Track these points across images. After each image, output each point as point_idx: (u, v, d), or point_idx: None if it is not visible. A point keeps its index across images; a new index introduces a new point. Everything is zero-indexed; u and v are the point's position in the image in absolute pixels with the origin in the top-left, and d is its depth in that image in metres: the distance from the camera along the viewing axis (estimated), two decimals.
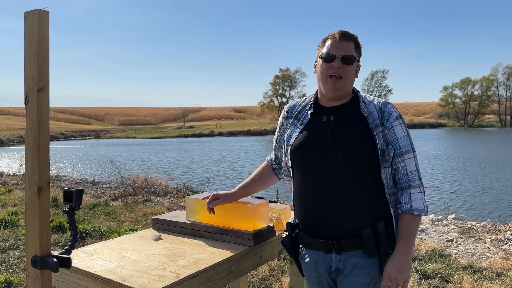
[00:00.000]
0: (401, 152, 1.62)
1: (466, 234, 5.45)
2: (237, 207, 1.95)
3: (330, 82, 1.64)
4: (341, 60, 1.62)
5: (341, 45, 1.64)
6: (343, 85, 1.65)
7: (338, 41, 1.64)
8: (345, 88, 1.67)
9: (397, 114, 1.65)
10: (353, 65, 1.66)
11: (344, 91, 1.67)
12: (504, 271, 4.00)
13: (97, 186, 10.54)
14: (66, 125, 75.16)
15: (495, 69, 77.72)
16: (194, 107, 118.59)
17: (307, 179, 1.68)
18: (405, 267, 1.55)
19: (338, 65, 1.62)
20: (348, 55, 1.63)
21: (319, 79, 1.70)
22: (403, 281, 1.55)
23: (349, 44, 1.65)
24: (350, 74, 1.66)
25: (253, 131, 59.24)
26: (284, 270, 4.07)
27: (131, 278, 1.49)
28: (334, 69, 1.63)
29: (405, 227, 1.58)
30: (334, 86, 1.64)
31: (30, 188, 1.23)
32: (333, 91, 1.66)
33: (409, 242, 1.57)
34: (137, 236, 2.06)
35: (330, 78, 1.64)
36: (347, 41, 1.65)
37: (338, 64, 1.62)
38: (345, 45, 1.64)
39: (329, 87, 1.66)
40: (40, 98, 1.21)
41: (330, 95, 1.69)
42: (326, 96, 1.71)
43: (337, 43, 1.64)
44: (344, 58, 1.63)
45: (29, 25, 1.22)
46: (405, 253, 1.56)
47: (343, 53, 1.63)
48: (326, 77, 1.65)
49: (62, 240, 5.19)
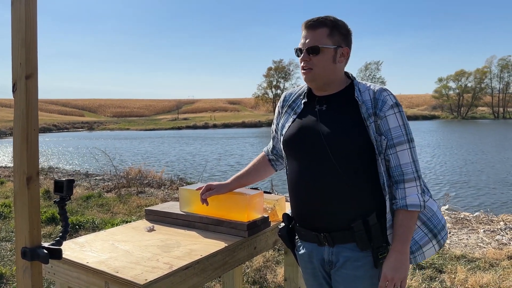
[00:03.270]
0: (393, 144, 1.55)
1: (460, 224, 5.48)
2: (232, 197, 1.93)
3: (302, 74, 1.64)
4: (306, 51, 1.59)
5: (308, 35, 1.60)
6: (313, 75, 1.61)
7: (306, 31, 1.61)
8: (319, 78, 1.62)
9: (393, 102, 1.56)
10: (324, 54, 1.59)
11: (320, 81, 1.63)
12: (496, 261, 4.03)
13: (90, 178, 10.48)
14: (59, 116, 74.65)
15: (489, 61, 78.01)
16: (188, 99, 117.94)
17: (299, 169, 1.65)
18: (400, 266, 1.51)
19: (305, 58, 1.60)
20: (311, 46, 1.58)
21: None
22: (400, 280, 1.51)
23: (317, 32, 1.59)
24: (321, 64, 1.59)
25: (248, 123, 59.13)
26: (279, 261, 4.07)
27: (124, 270, 1.47)
28: (303, 63, 1.61)
29: (399, 224, 1.53)
30: (306, 77, 1.64)
31: (19, 178, 1.20)
32: (308, 82, 1.66)
33: (404, 240, 1.53)
34: (130, 227, 2.03)
35: (302, 71, 1.63)
36: (313, 30, 1.59)
37: (304, 57, 1.60)
38: (312, 35, 1.59)
39: (304, 79, 1.66)
40: (28, 86, 1.18)
41: (310, 86, 1.69)
42: (311, 87, 1.71)
43: (305, 33, 1.61)
44: (308, 50, 1.59)
45: (16, 11, 1.18)
46: (399, 252, 1.52)
47: (308, 45, 1.59)
48: (301, 71, 1.64)
49: (55, 232, 5.16)
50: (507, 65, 75.94)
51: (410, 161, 1.56)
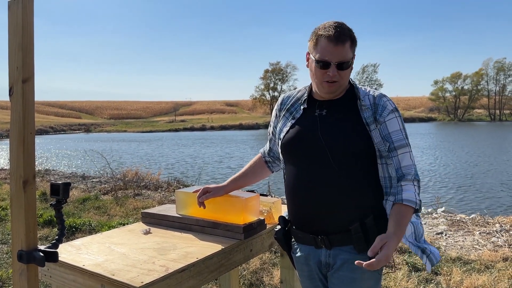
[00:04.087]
0: (395, 147, 1.57)
1: (456, 226, 5.51)
2: (228, 200, 1.94)
3: (326, 86, 1.59)
4: (336, 66, 1.55)
5: (337, 49, 1.53)
6: (338, 87, 1.61)
7: (334, 45, 1.53)
8: (341, 89, 1.64)
9: (392, 108, 1.59)
10: (349, 68, 1.60)
11: (339, 91, 1.65)
12: (492, 263, 4.05)
13: (87, 180, 10.47)
14: (55, 118, 74.40)
15: (486, 63, 78.30)
16: (185, 101, 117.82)
17: (297, 173, 1.66)
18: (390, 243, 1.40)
19: (334, 73, 1.55)
20: (344, 61, 1.55)
21: (314, 80, 1.64)
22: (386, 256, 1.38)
23: (345, 46, 1.54)
24: (346, 76, 1.61)
25: (245, 125, 59.09)
26: (275, 264, 4.08)
27: (120, 272, 1.47)
28: (329, 77, 1.56)
29: (395, 213, 1.50)
30: (330, 90, 1.60)
31: (16, 181, 1.21)
32: (328, 94, 1.64)
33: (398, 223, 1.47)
34: (126, 230, 2.04)
35: (326, 83, 1.58)
36: (342, 45, 1.53)
37: (333, 72, 1.55)
38: (341, 49, 1.53)
39: (324, 91, 1.62)
40: (25, 89, 1.19)
41: (325, 96, 1.66)
42: (321, 94, 1.68)
43: (332, 47, 1.53)
44: (339, 64, 1.55)
45: (13, 15, 1.19)
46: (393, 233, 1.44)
47: (338, 59, 1.54)
48: (322, 81, 1.59)
49: (51, 234, 5.15)
50: (503, 67, 76.32)
51: (411, 164, 1.58)
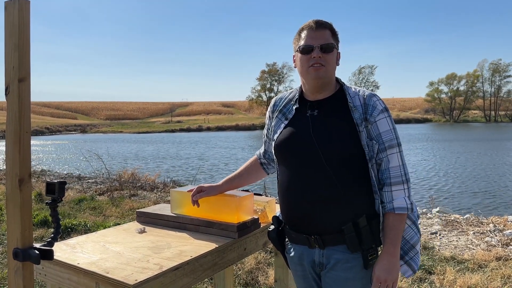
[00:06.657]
0: (385, 147, 1.58)
1: (450, 226, 5.54)
2: (222, 199, 1.96)
3: (312, 71, 1.61)
4: (320, 49, 1.60)
5: (318, 34, 1.62)
6: (325, 72, 1.62)
7: (315, 31, 1.62)
8: (328, 75, 1.64)
9: (382, 107, 1.60)
10: (333, 53, 1.64)
11: (327, 79, 1.65)
12: (485, 262, 4.08)
13: (82, 181, 10.43)
14: (51, 119, 74.07)
15: (481, 65, 78.86)
16: (182, 102, 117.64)
17: (290, 174, 1.67)
18: (392, 268, 1.55)
19: (318, 55, 1.60)
20: (327, 43, 1.61)
21: (301, 72, 1.67)
22: (392, 282, 1.55)
23: (325, 32, 1.63)
24: (331, 62, 1.63)
25: (242, 126, 59.03)
26: (270, 263, 4.09)
27: (114, 270, 1.49)
28: (314, 60, 1.60)
29: (390, 227, 1.56)
30: (317, 74, 1.61)
31: (11, 180, 1.22)
32: (316, 79, 1.63)
33: (395, 243, 1.56)
34: (121, 229, 2.05)
35: (312, 67, 1.61)
36: (323, 29, 1.63)
37: (317, 53, 1.60)
38: (322, 34, 1.62)
39: (311, 76, 1.63)
40: (21, 89, 1.20)
41: (314, 84, 1.65)
42: (310, 87, 1.68)
43: (313, 32, 1.62)
44: (323, 47, 1.61)
45: (9, 15, 1.20)
46: (391, 254, 1.55)
47: (321, 42, 1.61)
48: (308, 68, 1.62)
49: (46, 235, 5.14)
50: (498, 68, 76.73)
51: (400, 164, 1.59)
